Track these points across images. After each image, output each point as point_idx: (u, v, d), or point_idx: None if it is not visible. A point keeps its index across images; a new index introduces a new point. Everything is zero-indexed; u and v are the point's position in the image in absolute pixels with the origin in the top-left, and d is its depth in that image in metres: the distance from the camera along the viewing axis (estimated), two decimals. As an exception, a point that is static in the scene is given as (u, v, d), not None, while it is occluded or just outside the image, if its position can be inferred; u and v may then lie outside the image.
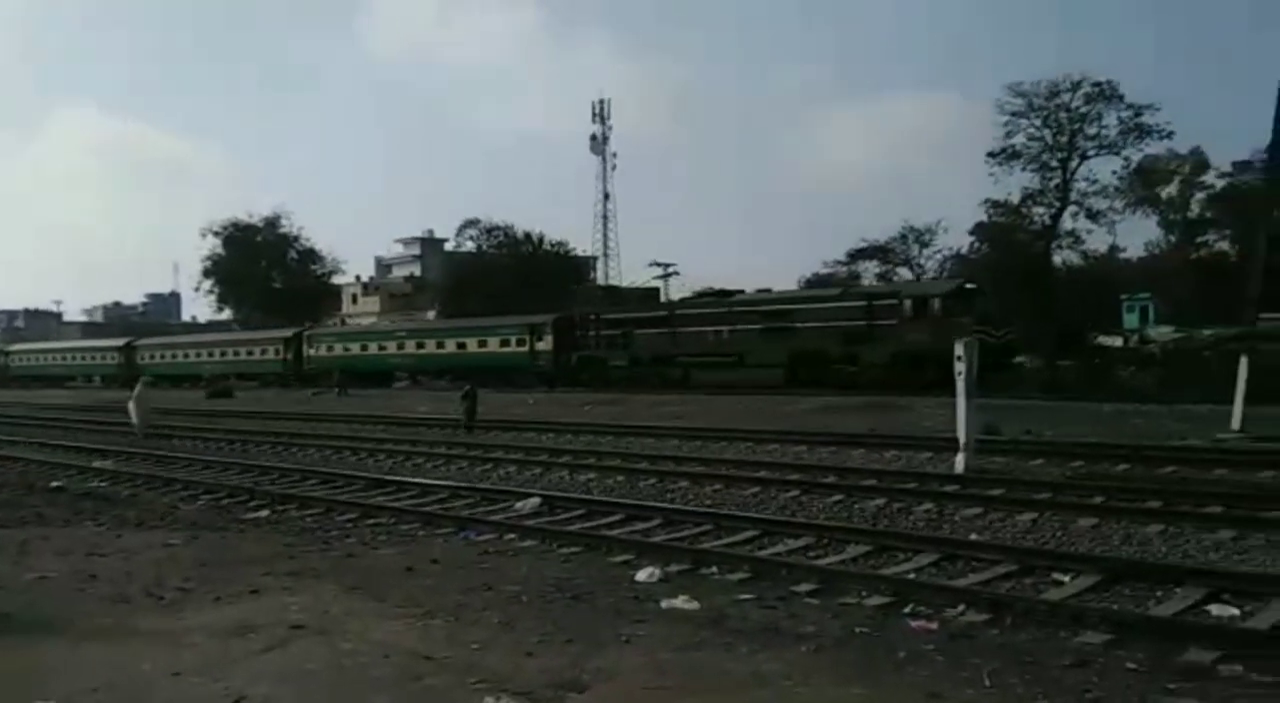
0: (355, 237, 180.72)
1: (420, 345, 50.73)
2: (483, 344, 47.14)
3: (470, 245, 74.27)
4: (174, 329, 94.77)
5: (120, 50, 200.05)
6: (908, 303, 32.10)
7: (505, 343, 46.07)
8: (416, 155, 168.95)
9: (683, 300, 45.04)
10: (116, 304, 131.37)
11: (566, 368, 42.29)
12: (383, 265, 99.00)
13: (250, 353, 59.54)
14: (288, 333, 58.64)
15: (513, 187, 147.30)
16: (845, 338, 32.81)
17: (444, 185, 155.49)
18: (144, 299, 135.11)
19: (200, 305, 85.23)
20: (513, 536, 10.10)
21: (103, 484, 15.13)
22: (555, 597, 7.41)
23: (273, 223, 75.83)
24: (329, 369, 51.28)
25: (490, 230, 71.82)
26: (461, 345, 48.35)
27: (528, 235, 70.32)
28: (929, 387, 26.11)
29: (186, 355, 64.14)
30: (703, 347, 37.41)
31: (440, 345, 49.62)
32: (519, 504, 11.99)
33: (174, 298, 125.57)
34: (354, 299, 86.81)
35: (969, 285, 33.98)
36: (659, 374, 37.94)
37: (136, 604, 7.35)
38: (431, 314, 69.90)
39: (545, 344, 44.21)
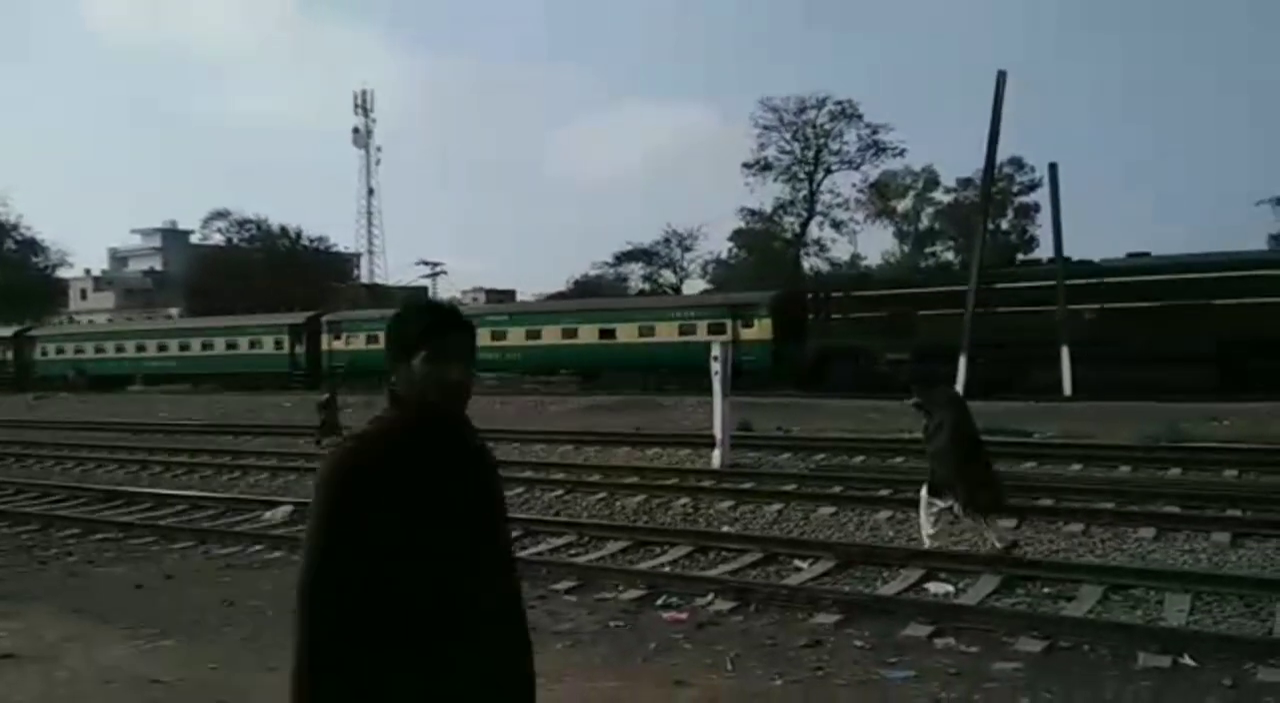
0: (86, 227, 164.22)
1: (533, 334, 36.84)
2: (647, 331, 34.40)
3: (219, 238, 69.83)
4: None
5: None
6: None
7: (687, 331, 33.31)
8: (158, 142, 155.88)
9: (1008, 268, 33.53)
10: None
11: (795, 365, 30.85)
12: (118, 258, 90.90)
13: (234, 347, 43.37)
14: (298, 318, 43.26)
15: (268, 179, 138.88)
16: None
17: (189, 174, 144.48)
18: None
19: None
20: (259, 547, 9.60)
21: None
22: (304, 609, 7.09)
23: (-14, 210, 68.13)
24: (363, 367, 37.07)
25: (242, 223, 67.93)
26: (608, 332, 35.23)
27: (284, 229, 66.96)
28: None
29: (120, 349, 47.00)
30: (1051, 333, 24.93)
31: (570, 334, 36.04)
32: (268, 513, 11.40)
33: None
34: (83, 295, 79.38)
35: None
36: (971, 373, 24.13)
37: None
38: (175, 312, 64.98)
39: (756, 331, 32.50)
